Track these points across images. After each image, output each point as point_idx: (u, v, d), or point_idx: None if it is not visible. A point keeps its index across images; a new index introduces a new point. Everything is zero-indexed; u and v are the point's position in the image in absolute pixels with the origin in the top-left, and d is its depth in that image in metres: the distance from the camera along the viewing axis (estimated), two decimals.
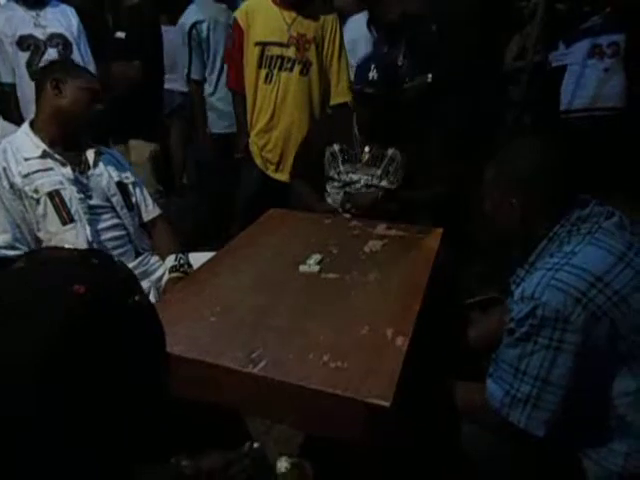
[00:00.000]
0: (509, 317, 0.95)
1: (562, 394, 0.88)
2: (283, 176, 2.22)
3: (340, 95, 2.19)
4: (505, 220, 1.03)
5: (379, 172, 1.86)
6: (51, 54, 2.27)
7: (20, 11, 2.29)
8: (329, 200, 1.95)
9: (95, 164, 1.52)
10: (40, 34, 2.30)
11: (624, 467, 0.91)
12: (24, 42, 2.26)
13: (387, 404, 0.85)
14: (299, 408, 0.93)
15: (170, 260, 1.55)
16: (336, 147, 1.88)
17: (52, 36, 2.31)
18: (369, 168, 1.86)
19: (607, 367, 0.90)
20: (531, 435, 0.91)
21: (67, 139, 1.46)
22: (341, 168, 1.89)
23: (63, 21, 2.35)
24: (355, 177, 1.87)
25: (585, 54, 2.75)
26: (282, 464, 0.90)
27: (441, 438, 1.07)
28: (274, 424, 1.39)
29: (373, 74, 1.68)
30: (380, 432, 0.87)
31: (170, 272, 1.53)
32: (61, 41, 2.31)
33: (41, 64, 2.22)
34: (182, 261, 1.54)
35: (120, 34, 2.39)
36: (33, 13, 2.29)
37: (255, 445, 0.92)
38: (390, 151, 1.84)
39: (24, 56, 2.24)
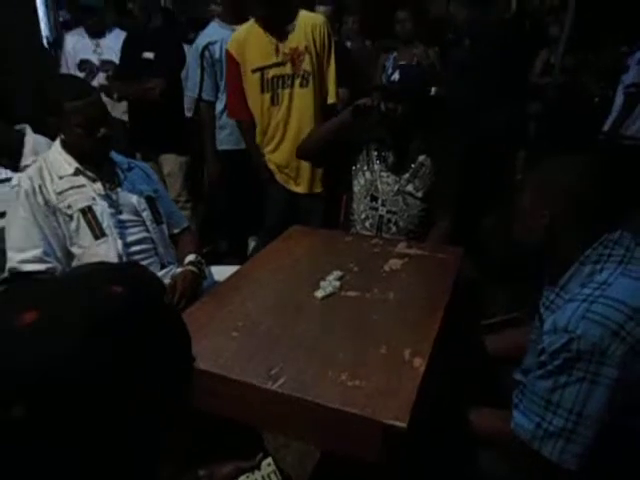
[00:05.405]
0: (540, 347, 0.93)
1: (596, 428, 0.86)
2: (299, 188, 2.28)
3: (332, 96, 2.23)
4: (530, 229, 1.01)
5: (407, 175, 1.87)
6: (100, 78, 2.77)
7: (86, 38, 2.92)
8: (355, 189, 1.94)
9: (125, 179, 1.58)
10: (96, 60, 2.87)
11: None
12: (82, 65, 2.86)
13: (403, 425, 0.86)
14: (316, 425, 0.95)
15: (189, 257, 1.60)
16: (374, 146, 1.90)
17: (104, 62, 2.83)
18: (399, 170, 1.88)
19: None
20: (563, 469, 0.88)
21: (91, 160, 1.50)
22: (375, 167, 1.90)
23: (115, 48, 2.78)
24: (385, 175, 1.89)
25: None
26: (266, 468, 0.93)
27: (457, 460, 1.07)
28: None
29: (395, 75, 1.75)
30: (396, 452, 0.88)
31: (186, 265, 1.57)
32: (111, 67, 2.78)
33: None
34: (199, 259, 1.61)
35: (148, 54, 2.49)
36: (95, 41, 2.91)
37: (267, 460, 0.94)
38: (421, 157, 1.87)
39: (80, 77, 2.66)
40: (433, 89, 1.91)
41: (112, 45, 2.88)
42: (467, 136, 2.49)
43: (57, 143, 1.51)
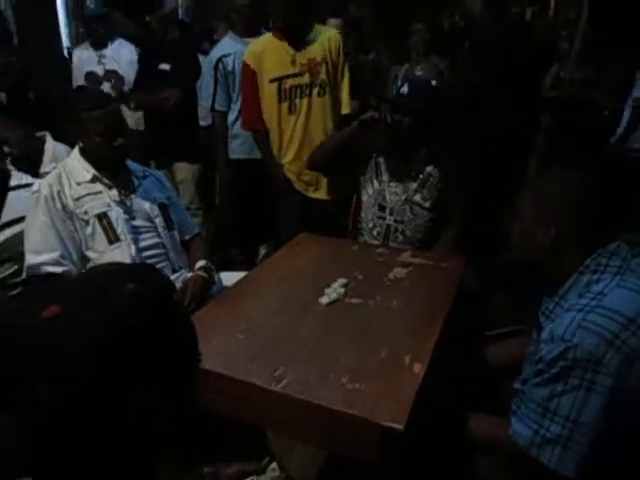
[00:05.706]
0: (538, 356, 0.95)
1: (593, 435, 0.87)
2: (318, 194, 2.34)
3: (346, 107, 2.29)
4: (535, 244, 1.02)
5: (415, 185, 1.89)
6: (106, 87, 2.82)
7: (90, 51, 3.04)
8: (363, 198, 1.97)
9: (140, 186, 1.64)
10: (100, 70, 2.96)
11: None
12: (88, 76, 2.95)
13: (401, 427, 0.88)
14: (317, 426, 0.98)
15: (200, 263, 1.64)
16: (381, 157, 1.94)
17: (107, 72, 2.92)
18: (406, 180, 1.90)
19: (636, 408, 0.89)
20: (561, 476, 0.90)
21: (108, 167, 1.56)
22: (384, 177, 1.93)
23: (117, 58, 2.92)
24: (393, 185, 1.91)
25: None
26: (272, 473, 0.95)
27: (456, 465, 1.09)
28: (297, 443, 1.43)
29: (404, 88, 1.78)
30: (393, 453, 0.91)
31: (196, 270, 1.62)
32: (114, 76, 2.89)
33: None
34: (209, 265, 1.65)
35: (165, 66, 2.57)
36: (98, 53, 3.02)
37: (272, 465, 0.97)
38: (429, 168, 1.89)
39: None
40: (433, 82, 1.93)
41: (114, 55, 2.99)
42: (467, 136, 2.53)
43: (76, 150, 1.57)
